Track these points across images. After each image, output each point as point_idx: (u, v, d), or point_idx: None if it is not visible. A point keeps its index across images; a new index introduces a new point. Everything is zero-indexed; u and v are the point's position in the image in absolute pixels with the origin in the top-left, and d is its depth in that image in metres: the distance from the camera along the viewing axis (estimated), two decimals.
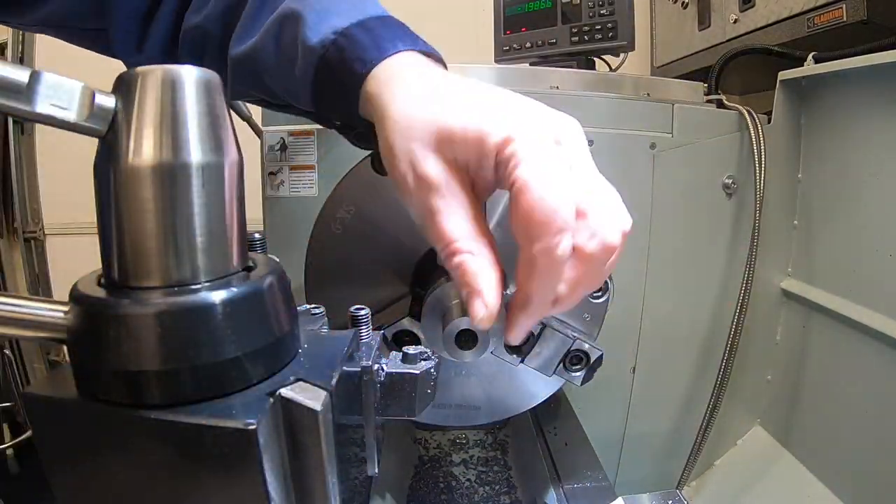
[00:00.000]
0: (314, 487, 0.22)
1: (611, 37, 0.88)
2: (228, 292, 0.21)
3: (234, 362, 0.21)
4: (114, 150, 0.21)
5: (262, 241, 0.30)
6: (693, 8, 1.14)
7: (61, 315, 0.21)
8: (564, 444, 0.61)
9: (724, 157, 0.76)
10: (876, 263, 0.68)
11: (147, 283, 0.21)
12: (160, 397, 0.20)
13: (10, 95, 0.19)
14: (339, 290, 0.47)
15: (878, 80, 0.67)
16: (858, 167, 0.70)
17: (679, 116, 0.73)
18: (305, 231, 0.47)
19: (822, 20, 0.80)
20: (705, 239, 0.77)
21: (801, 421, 0.80)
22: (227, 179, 0.22)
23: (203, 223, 0.22)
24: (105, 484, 0.21)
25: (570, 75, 0.78)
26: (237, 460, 0.20)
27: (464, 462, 0.66)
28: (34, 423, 0.21)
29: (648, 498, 0.51)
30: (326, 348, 0.26)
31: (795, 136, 0.80)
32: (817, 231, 0.78)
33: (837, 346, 0.73)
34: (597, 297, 0.47)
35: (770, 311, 0.83)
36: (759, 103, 0.83)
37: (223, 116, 0.22)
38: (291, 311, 0.25)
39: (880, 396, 0.67)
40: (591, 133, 0.71)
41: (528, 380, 0.48)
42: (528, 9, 0.96)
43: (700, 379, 0.80)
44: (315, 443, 0.22)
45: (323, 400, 0.21)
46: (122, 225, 0.21)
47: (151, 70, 0.21)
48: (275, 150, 0.70)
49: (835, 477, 0.72)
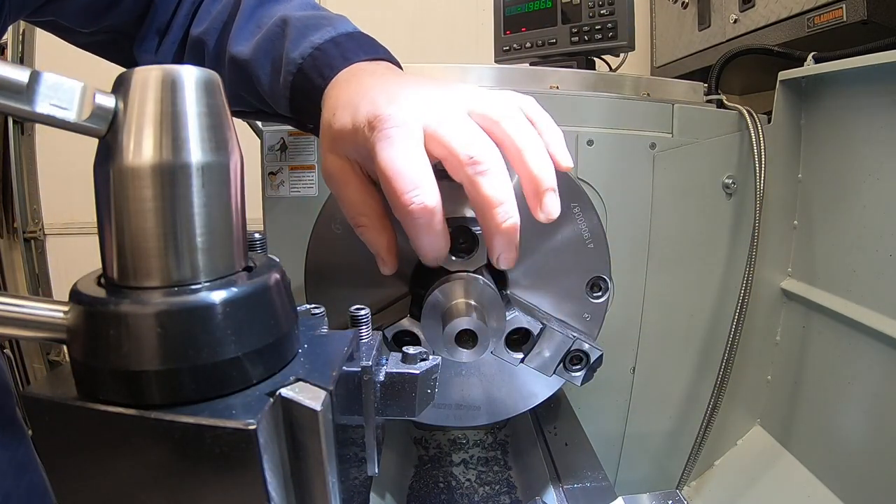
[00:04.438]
0: (314, 487, 0.22)
1: (611, 37, 0.88)
2: (228, 292, 0.21)
3: (234, 362, 0.21)
4: (114, 150, 0.21)
5: (262, 241, 0.30)
6: (693, 8, 1.14)
7: (61, 315, 0.21)
8: (564, 444, 0.61)
9: (724, 157, 0.76)
10: (876, 263, 0.68)
11: (147, 283, 0.21)
12: (160, 397, 0.20)
13: (10, 95, 0.19)
14: (339, 290, 0.47)
15: (878, 80, 0.67)
16: (858, 167, 0.70)
17: (679, 116, 0.73)
18: (305, 231, 0.47)
19: (822, 20, 0.80)
20: (705, 239, 0.77)
21: (801, 421, 0.80)
22: (228, 179, 0.22)
23: (203, 223, 0.22)
24: (105, 484, 0.21)
25: (570, 75, 0.78)
26: (237, 460, 0.20)
27: (464, 462, 0.66)
28: (34, 423, 0.21)
29: (648, 498, 0.51)
30: (326, 348, 0.26)
31: (795, 136, 0.80)
32: (817, 231, 0.78)
33: (837, 346, 0.73)
34: (597, 297, 0.47)
35: (770, 311, 0.83)
36: (759, 103, 0.83)
37: (223, 116, 0.22)
38: (291, 311, 0.25)
39: (880, 396, 0.67)
40: (591, 133, 0.71)
41: (528, 380, 0.48)
42: (528, 9, 0.96)
43: (700, 379, 0.80)
44: (315, 443, 0.22)
45: (323, 400, 0.21)
46: (121, 225, 0.21)
47: (151, 70, 0.21)
48: (275, 150, 0.70)
49: (835, 477, 0.72)
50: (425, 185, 0.33)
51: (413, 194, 0.33)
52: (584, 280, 0.46)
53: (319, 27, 0.44)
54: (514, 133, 0.36)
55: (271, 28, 0.46)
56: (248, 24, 0.48)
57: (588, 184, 0.71)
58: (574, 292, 0.46)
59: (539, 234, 0.45)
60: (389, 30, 1.58)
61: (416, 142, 0.34)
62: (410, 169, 0.33)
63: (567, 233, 0.45)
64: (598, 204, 0.71)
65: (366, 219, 0.38)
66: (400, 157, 0.33)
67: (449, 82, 0.41)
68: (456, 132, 0.35)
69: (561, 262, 0.46)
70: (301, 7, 0.48)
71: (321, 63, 0.42)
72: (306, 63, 0.43)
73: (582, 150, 0.71)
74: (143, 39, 0.53)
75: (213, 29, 0.50)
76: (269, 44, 0.46)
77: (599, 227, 0.46)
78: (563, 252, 0.46)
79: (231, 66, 0.48)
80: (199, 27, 0.51)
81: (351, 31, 0.45)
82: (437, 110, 0.36)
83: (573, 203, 0.45)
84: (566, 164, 0.38)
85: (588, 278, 0.46)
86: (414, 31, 1.60)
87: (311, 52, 0.43)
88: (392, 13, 1.60)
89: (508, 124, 0.36)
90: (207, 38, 0.50)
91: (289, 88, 0.44)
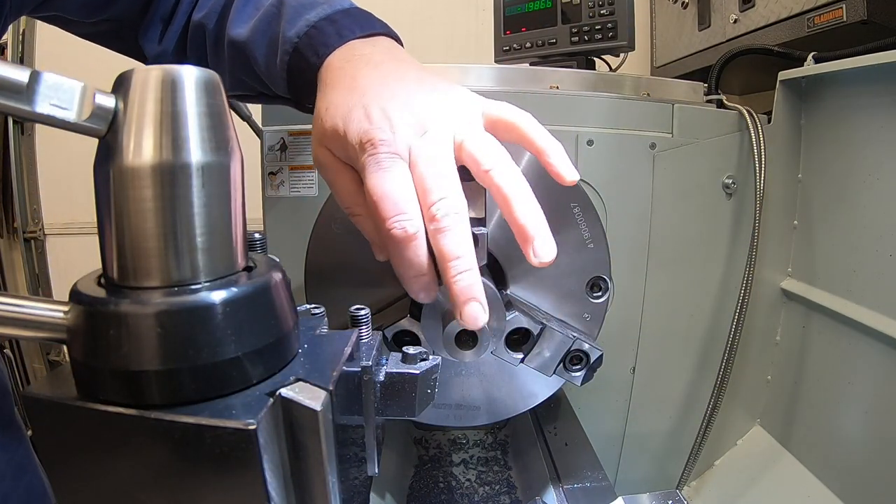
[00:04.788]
0: (314, 487, 0.22)
1: (611, 37, 0.88)
2: (228, 292, 0.21)
3: (234, 362, 0.21)
4: (114, 150, 0.21)
5: (262, 241, 0.30)
6: (693, 8, 1.14)
7: (61, 315, 0.21)
8: (564, 444, 0.61)
9: (724, 157, 0.76)
10: (876, 263, 0.68)
11: (147, 283, 0.21)
12: (160, 397, 0.20)
13: (10, 95, 0.19)
14: (339, 290, 0.47)
15: (878, 80, 0.67)
16: (858, 167, 0.70)
17: (679, 116, 0.73)
18: (305, 231, 0.47)
19: (822, 20, 0.80)
20: (705, 239, 0.77)
21: (801, 421, 0.80)
22: (227, 179, 0.22)
23: (203, 223, 0.22)
24: (105, 484, 0.21)
25: (570, 75, 0.78)
26: (237, 460, 0.20)
27: (464, 462, 0.66)
28: (34, 423, 0.21)
29: (648, 498, 0.51)
30: (326, 348, 0.26)
31: (795, 136, 0.80)
32: (817, 231, 0.78)
33: (837, 346, 0.73)
34: (597, 297, 0.47)
35: (770, 311, 0.83)
36: (759, 103, 0.83)
37: (223, 116, 0.22)
38: (291, 311, 0.25)
39: (880, 396, 0.67)
40: (591, 133, 0.71)
41: (528, 380, 0.48)
42: (528, 9, 0.96)
43: (700, 379, 0.80)
44: (315, 443, 0.22)
45: (323, 400, 0.21)
46: (121, 225, 0.21)
47: (151, 70, 0.21)
48: (275, 150, 0.70)
49: (835, 477, 0.72)
50: (410, 212, 0.34)
51: (395, 220, 0.33)
52: (584, 280, 0.46)
53: (315, 5, 0.44)
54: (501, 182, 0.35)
55: (268, 9, 0.46)
56: (246, 6, 0.48)
57: (588, 184, 0.71)
58: (574, 292, 0.47)
59: None
60: None
61: (405, 168, 0.35)
62: (396, 194, 0.34)
63: (567, 233, 0.45)
64: (598, 204, 0.71)
65: (359, 208, 0.38)
66: (388, 182, 0.34)
67: (447, 83, 0.40)
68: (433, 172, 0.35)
69: (561, 262, 0.46)
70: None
71: (316, 41, 0.42)
72: (301, 42, 0.43)
73: (582, 150, 0.71)
74: (147, 28, 0.53)
75: (213, 13, 0.50)
76: (266, 24, 0.46)
77: (599, 227, 0.46)
78: (563, 252, 0.46)
79: (230, 48, 0.48)
80: (200, 12, 0.51)
81: (347, 8, 0.45)
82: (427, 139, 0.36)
83: (573, 203, 0.45)
84: (571, 178, 0.37)
85: (588, 278, 0.46)
86: (414, 31, 1.60)
87: (307, 30, 0.43)
88: (392, 13, 1.59)
89: (496, 174, 0.36)
90: (207, 21, 0.50)
91: (285, 69, 0.44)
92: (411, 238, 0.34)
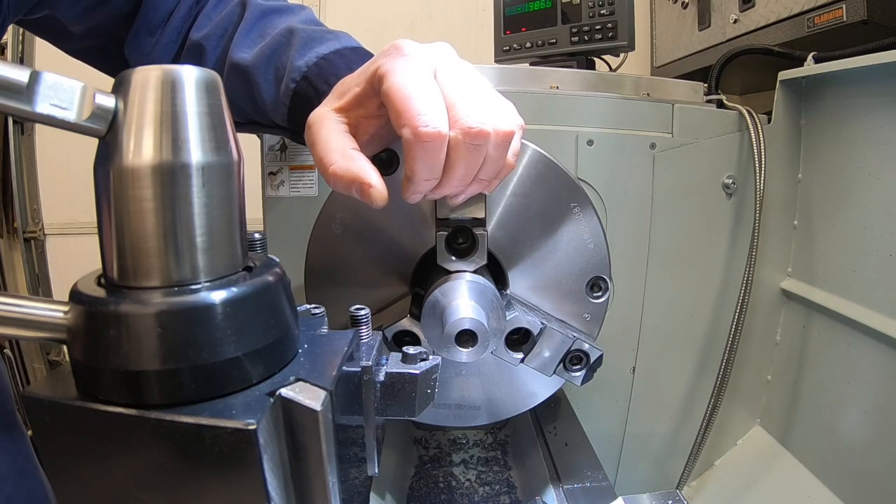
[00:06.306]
0: (314, 487, 0.22)
1: (611, 37, 0.88)
2: (228, 292, 0.21)
3: (234, 362, 0.21)
4: (114, 150, 0.21)
5: (262, 241, 0.30)
6: (693, 8, 1.14)
7: (61, 315, 0.21)
8: (564, 444, 0.61)
9: (724, 157, 0.76)
10: (876, 263, 0.68)
11: (147, 283, 0.21)
12: (160, 397, 0.20)
13: (10, 95, 0.19)
14: (339, 290, 0.47)
15: (878, 80, 0.67)
16: (858, 167, 0.70)
17: (679, 116, 0.73)
18: (305, 231, 0.47)
19: (822, 20, 0.80)
20: (705, 239, 0.77)
21: (801, 421, 0.80)
22: (227, 179, 0.22)
23: (203, 223, 0.22)
24: (105, 484, 0.21)
25: (570, 75, 0.78)
26: (237, 460, 0.19)
27: (464, 462, 0.66)
28: (34, 423, 0.21)
29: (648, 498, 0.51)
30: (326, 348, 0.26)
31: (795, 136, 0.80)
32: (817, 231, 0.78)
33: (837, 346, 0.73)
34: (597, 297, 0.47)
35: (770, 311, 0.83)
36: (759, 103, 0.83)
37: (223, 116, 0.22)
38: (291, 311, 0.25)
39: (880, 396, 0.67)
40: (591, 133, 0.71)
41: (528, 380, 0.48)
42: (528, 9, 0.96)
43: (700, 379, 0.80)
44: (315, 443, 0.21)
45: (323, 400, 0.21)
46: (121, 225, 0.21)
47: (151, 70, 0.21)
48: (275, 150, 0.70)
49: (835, 477, 0.72)
50: (441, 111, 0.33)
51: (428, 117, 0.32)
52: (584, 280, 0.46)
53: (325, 40, 0.46)
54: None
55: (276, 37, 0.47)
56: (251, 32, 0.49)
57: (588, 184, 0.71)
58: (574, 292, 0.47)
59: (539, 233, 0.45)
60: (389, 30, 1.58)
61: (430, 72, 0.34)
62: (426, 93, 0.33)
63: (567, 233, 0.45)
64: (598, 204, 0.71)
65: (336, 154, 0.35)
66: (416, 79, 0.33)
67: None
68: (463, 86, 0.35)
69: (561, 262, 0.46)
70: (306, 21, 0.49)
71: (326, 72, 0.44)
72: (311, 71, 0.44)
73: (582, 150, 0.71)
74: (133, 38, 0.53)
75: (215, 35, 0.50)
76: (273, 52, 0.47)
77: (599, 227, 0.46)
78: (563, 252, 0.46)
79: (231, 72, 0.48)
80: (199, 32, 0.51)
81: (355, 46, 0.47)
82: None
83: (573, 203, 0.45)
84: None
85: (588, 278, 0.46)
86: (414, 31, 1.60)
87: (317, 61, 0.44)
88: (392, 13, 1.60)
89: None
90: (207, 43, 0.50)
91: (290, 96, 0.45)
92: (443, 138, 0.33)
